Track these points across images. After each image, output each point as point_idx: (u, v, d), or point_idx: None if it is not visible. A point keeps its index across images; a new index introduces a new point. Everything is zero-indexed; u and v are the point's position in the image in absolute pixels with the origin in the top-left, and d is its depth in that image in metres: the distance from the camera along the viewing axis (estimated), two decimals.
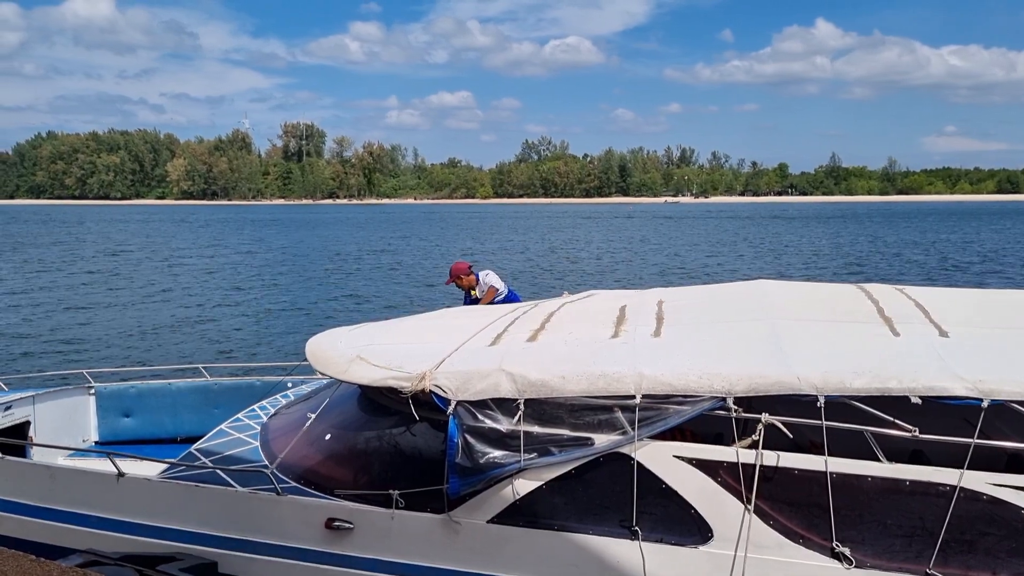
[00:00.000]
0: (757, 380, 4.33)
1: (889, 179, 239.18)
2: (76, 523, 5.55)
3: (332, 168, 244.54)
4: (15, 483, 5.82)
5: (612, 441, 4.46)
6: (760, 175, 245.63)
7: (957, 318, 5.04)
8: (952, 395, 4.08)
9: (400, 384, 4.87)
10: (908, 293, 5.72)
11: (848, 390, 4.19)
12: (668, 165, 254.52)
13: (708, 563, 4.35)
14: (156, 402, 8.13)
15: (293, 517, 5.07)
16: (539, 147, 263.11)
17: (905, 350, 4.51)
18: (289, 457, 5.38)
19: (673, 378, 4.44)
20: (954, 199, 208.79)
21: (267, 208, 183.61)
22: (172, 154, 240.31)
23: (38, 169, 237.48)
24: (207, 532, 5.26)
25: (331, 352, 5.51)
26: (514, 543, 4.64)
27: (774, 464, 4.28)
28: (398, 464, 5.06)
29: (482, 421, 4.64)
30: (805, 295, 5.91)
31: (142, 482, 5.47)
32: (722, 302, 5.88)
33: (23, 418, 7.43)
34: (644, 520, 4.45)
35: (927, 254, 45.97)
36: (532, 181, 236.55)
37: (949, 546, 4.06)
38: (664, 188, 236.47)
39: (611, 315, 5.66)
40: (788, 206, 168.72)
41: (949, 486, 4.06)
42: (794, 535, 4.26)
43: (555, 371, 4.62)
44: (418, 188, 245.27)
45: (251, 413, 6.55)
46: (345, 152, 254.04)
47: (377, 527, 4.89)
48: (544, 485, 4.59)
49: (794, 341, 4.70)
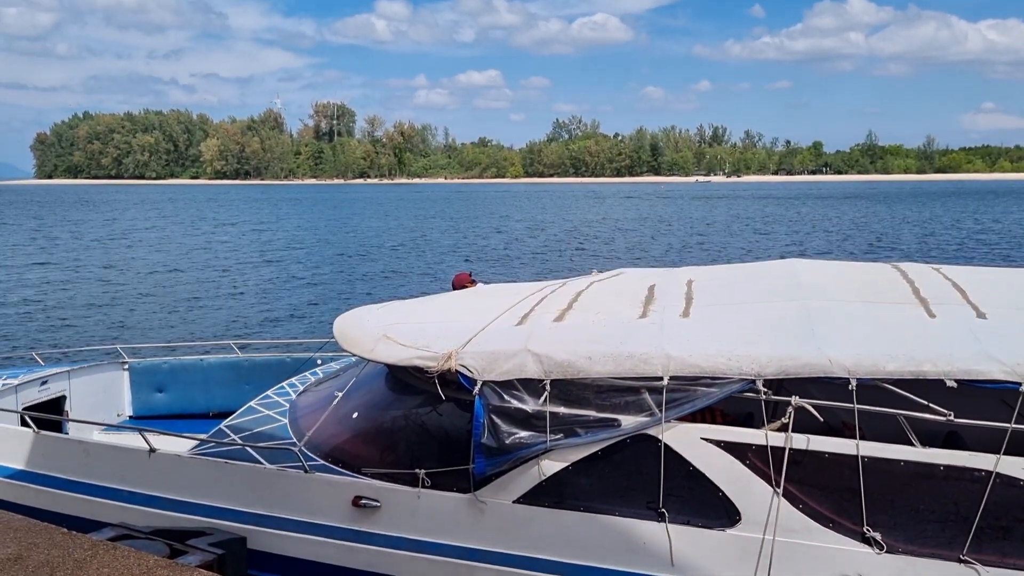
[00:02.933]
0: (787, 362, 4.25)
1: (927, 157, 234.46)
2: (108, 497, 5.64)
3: (363, 148, 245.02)
4: (50, 457, 5.93)
5: (639, 423, 4.42)
6: (794, 154, 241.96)
7: (995, 299, 4.91)
8: (989, 379, 3.98)
9: (426, 364, 4.87)
10: (944, 273, 5.58)
11: (881, 373, 4.10)
12: (700, 144, 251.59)
13: (736, 546, 4.30)
14: (188, 378, 8.23)
15: (321, 494, 5.11)
16: (570, 126, 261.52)
17: (941, 332, 4.40)
18: (317, 435, 5.40)
19: (701, 359, 4.38)
20: (994, 178, 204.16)
21: (299, 188, 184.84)
22: (205, 134, 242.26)
23: (75, 149, 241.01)
24: (236, 508, 5.32)
25: (358, 331, 5.52)
26: (540, 523, 4.63)
27: (804, 447, 4.21)
28: (424, 443, 5.07)
29: (508, 401, 4.62)
30: (837, 274, 5.78)
31: (173, 458, 5.54)
32: (752, 282, 5.78)
33: (59, 392, 7.57)
34: (671, 502, 4.41)
35: (964, 233, 45.06)
36: (563, 160, 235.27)
37: (984, 532, 3.98)
38: (696, 167, 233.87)
39: (639, 295, 5.59)
40: (822, 185, 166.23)
41: (985, 471, 3.97)
42: (824, 519, 4.20)
43: (582, 352, 4.58)
44: (448, 168, 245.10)
45: (280, 391, 6.59)
46: (376, 132, 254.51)
47: (403, 505, 4.90)
48: (570, 466, 4.56)
49: (826, 322, 4.61)
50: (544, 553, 4.64)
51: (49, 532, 4.39)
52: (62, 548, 4.18)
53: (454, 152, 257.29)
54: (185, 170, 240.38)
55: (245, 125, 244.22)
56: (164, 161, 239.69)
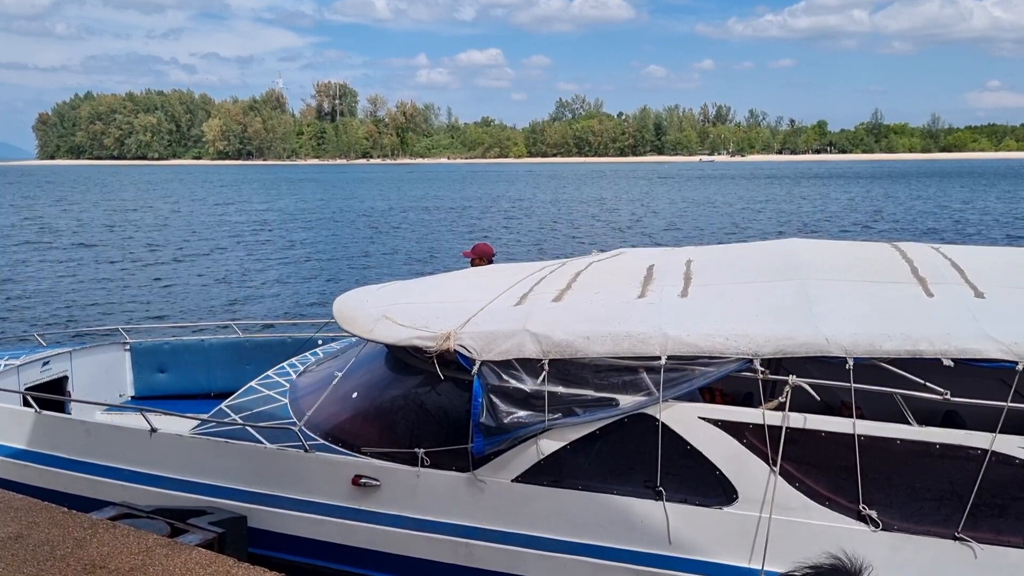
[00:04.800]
0: (784, 341, 4.25)
1: (932, 136, 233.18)
2: (110, 476, 5.68)
3: (366, 128, 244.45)
4: (52, 437, 5.96)
5: (637, 402, 4.43)
6: (798, 133, 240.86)
7: (995, 278, 4.89)
8: (986, 358, 3.97)
9: (425, 344, 4.88)
10: (944, 252, 5.56)
11: (878, 352, 4.11)
12: (704, 123, 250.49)
13: (733, 524, 4.33)
14: (190, 358, 8.27)
15: (321, 474, 5.14)
16: (573, 105, 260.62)
17: (938, 311, 4.39)
18: (317, 415, 5.43)
19: (699, 339, 4.38)
20: (1000, 156, 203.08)
21: (302, 168, 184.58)
22: (207, 114, 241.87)
23: (77, 130, 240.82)
24: (237, 487, 5.36)
25: (357, 311, 5.52)
26: (538, 502, 4.66)
27: (801, 426, 4.22)
28: (424, 423, 5.08)
29: (507, 381, 4.63)
30: (837, 254, 5.76)
31: (173, 438, 5.57)
32: (751, 261, 5.77)
33: (61, 373, 7.60)
34: (669, 481, 4.43)
35: (970, 215, 44.86)
36: (566, 140, 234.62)
37: (979, 510, 4.00)
38: (700, 147, 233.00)
39: (639, 274, 5.58)
40: (827, 165, 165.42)
41: (980, 450, 3.98)
42: (820, 497, 4.21)
43: (580, 331, 4.58)
44: (451, 147, 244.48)
45: (280, 371, 6.61)
46: (379, 111, 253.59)
47: (403, 485, 4.93)
48: (568, 445, 4.58)
49: (824, 301, 4.60)
50: (542, 531, 4.67)
51: (49, 511, 4.43)
52: (62, 527, 4.21)
53: (457, 132, 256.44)
54: (188, 150, 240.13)
55: (247, 105, 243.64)
56: (167, 141, 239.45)
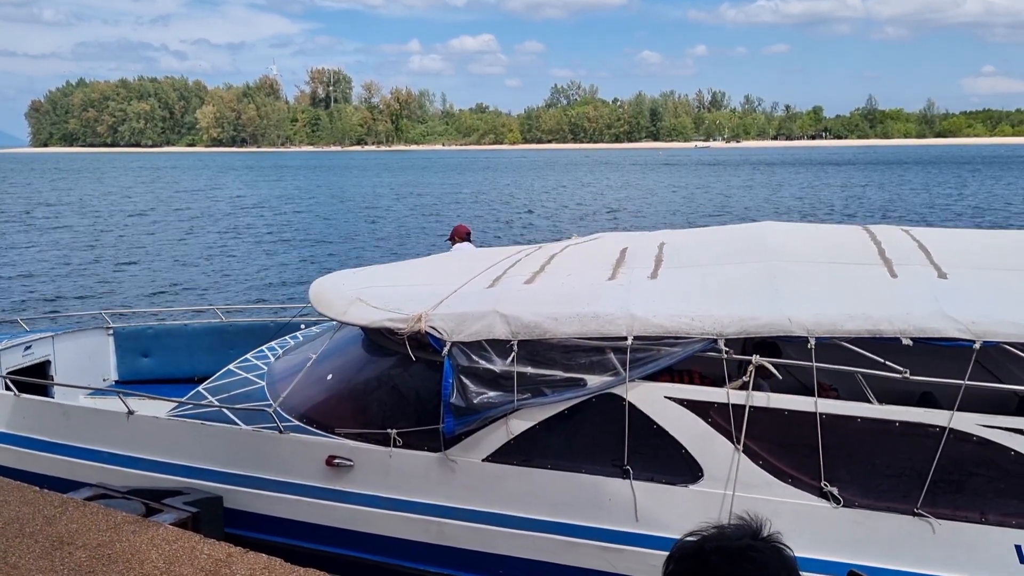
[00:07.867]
0: (748, 322, 4.31)
1: (927, 122, 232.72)
2: (87, 458, 5.73)
3: (360, 114, 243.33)
4: (32, 420, 6.01)
5: (604, 382, 4.49)
6: (794, 119, 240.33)
7: (960, 260, 4.96)
8: (944, 336, 4.04)
9: (396, 325, 4.93)
10: (913, 234, 5.62)
11: (839, 332, 4.17)
12: (699, 109, 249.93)
13: (698, 502, 4.39)
14: (173, 343, 8.30)
15: (295, 454, 5.19)
16: (568, 92, 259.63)
17: (901, 292, 4.46)
18: (292, 397, 5.47)
19: (664, 319, 4.44)
20: (995, 142, 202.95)
21: (296, 155, 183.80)
22: (201, 101, 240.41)
23: (70, 117, 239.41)
24: (212, 468, 5.41)
25: (332, 294, 5.57)
26: (508, 481, 4.72)
27: (764, 405, 4.28)
28: (396, 404, 5.14)
29: (477, 362, 4.69)
30: (807, 237, 5.84)
31: (151, 420, 5.61)
32: (723, 244, 5.83)
33: (43, 357, 7.63)
34: (636, 459, 4.49)
35: (962, 202, 44.91)
36: (561, 126, 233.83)
37: (938, 486, 4.07)
38: (695, 133, 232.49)
39: (611, 258, 5.63)
40: (822, 150, 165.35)
41: (939, 427, 4.04)
42: (783, 475, 4.28)
43: (548, 313, 4.64)
44: (446, 134, 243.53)
45: (259, 354, 6.65)
46: (373, 98, 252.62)
47: (376, 464, 4.99)
48: (538, 425, 4.64)
49: (789, 283, 4.67)
50: (512, 510, 4.73)
51: (21, 490, 4.48)
52: (32, 505, 4.27)
53: (452, 119, 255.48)
54: (181, 138, 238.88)
55: (241, 92, 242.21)
56: (160, 129, 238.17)
